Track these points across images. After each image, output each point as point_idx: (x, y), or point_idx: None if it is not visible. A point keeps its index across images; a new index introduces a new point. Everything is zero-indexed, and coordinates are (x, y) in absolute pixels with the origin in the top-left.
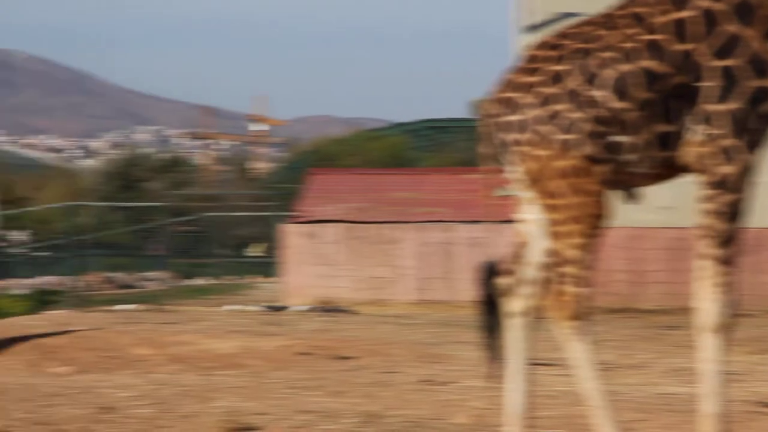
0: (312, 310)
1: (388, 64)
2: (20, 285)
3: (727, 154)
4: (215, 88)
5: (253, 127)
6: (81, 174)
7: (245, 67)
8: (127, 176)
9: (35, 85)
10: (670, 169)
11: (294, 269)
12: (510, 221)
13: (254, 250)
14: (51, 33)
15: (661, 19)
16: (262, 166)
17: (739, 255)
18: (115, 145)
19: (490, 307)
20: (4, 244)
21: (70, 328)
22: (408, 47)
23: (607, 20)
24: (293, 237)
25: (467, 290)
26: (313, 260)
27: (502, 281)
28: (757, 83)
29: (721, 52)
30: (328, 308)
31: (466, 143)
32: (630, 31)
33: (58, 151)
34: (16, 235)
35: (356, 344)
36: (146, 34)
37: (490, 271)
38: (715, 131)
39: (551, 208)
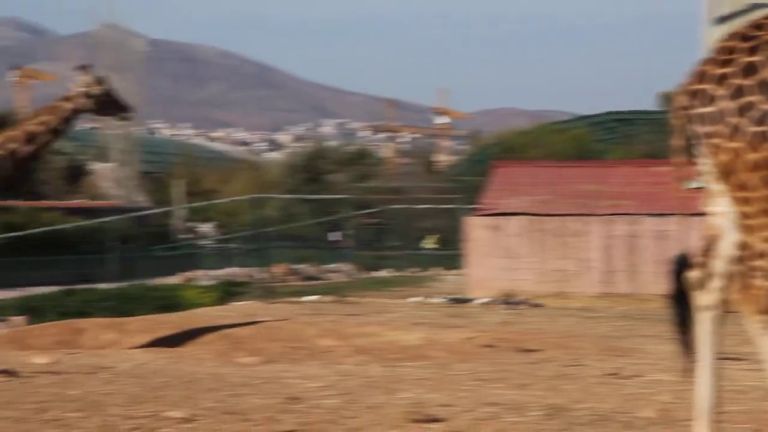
0: (495, 302)
1: (574, 55)
2: (207, 276)
3: None
4: (399, 80)
5: (438, 120)
6: (267, 167)
7: (429, 60)
8: (312, 169)
9: (222, 79)
10: None
11: (477, 261)
12: (698, 214)
13: (428, 243)
14: (237, 28)
15: None
16: (445, 159)
17: None
18: (301, 138)
19: (681, 301)
20: (191, 235)
21: (257, 319)
22: (593, 38)
23: None
24: (477, 229)
25: (652, 283)
26: (497, 253)
27: (693, 274)
28: None
29: None
30: (512, 301)
31: (653, 135)
32: None
33: (244, 144)
34: (204, 227)
35: (540, 337)
36: (331, 29)
37: (682, 264)
38: None
39: (743, 201)
